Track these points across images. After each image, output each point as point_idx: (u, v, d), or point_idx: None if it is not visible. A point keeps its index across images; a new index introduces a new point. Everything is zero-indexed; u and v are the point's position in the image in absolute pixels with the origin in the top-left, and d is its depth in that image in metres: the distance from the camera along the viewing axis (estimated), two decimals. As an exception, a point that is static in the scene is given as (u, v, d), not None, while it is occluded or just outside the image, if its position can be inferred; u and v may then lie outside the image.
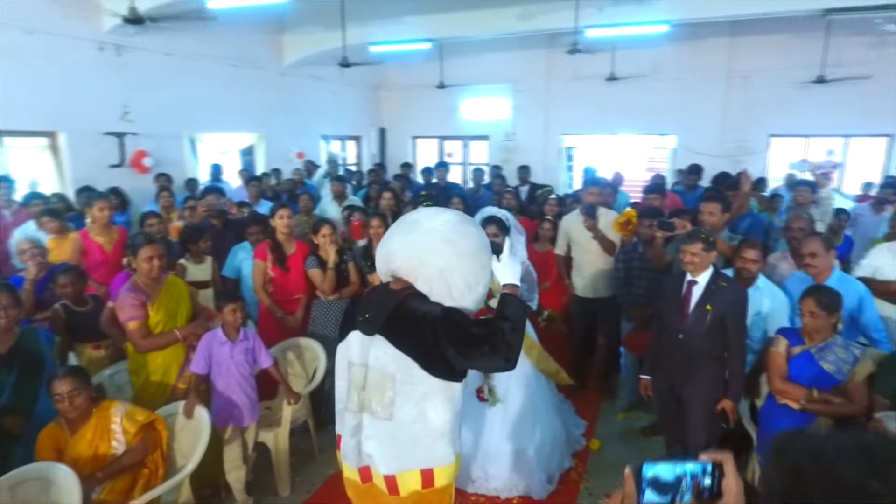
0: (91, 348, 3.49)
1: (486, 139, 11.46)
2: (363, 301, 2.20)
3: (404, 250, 2.02)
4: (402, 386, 1.96)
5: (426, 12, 8.45)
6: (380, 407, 2.00)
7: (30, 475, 2.38)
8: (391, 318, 1.98)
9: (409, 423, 1.98)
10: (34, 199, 4.89)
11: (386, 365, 1.97)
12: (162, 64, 7.69)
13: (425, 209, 2.20)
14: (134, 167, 7.44)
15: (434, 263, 1.97)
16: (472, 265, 2.02)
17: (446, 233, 2.00)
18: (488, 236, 3.35)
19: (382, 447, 2.01)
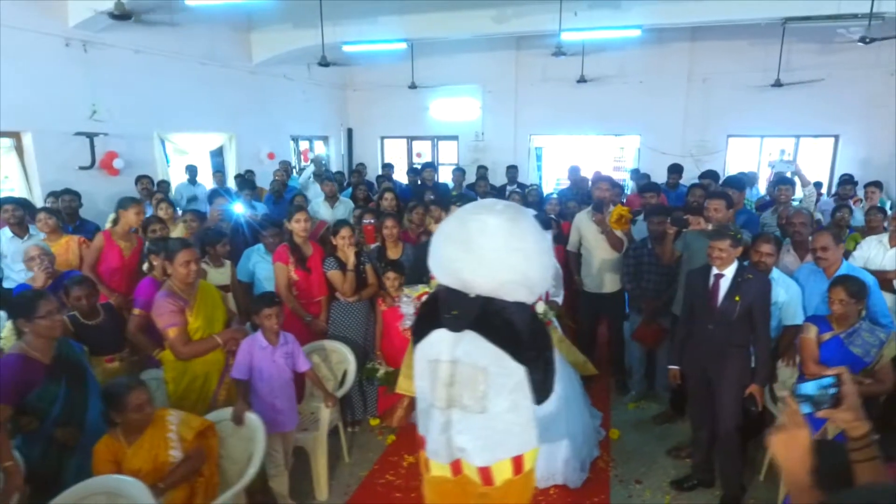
0: (105, 361, 3.34)
1: (456, 139, 11.56)
2: (443, 299, 2.16)
3: (479, 278, 1.97)
4: (496, 378, 2.00)
5: (401, 12, 8.46)
6: (472, 401, 2.03)
7: (95, 489, 2.29)
8: (481, 314, 2.00)
9: (503, 413, 2.03)
10: (11, 203, 4.61)
11: (477, 359, 2.00)
12: (130, 61, 7.37)
13: (467, 218, 2.03)
14: (104, 169, 7.10)
15: (511, 279, 1.96)
16: (541, 258, 2.03)
17: (508, 242, 1.95)
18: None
19: (476, 440, 2.06)
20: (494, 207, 2.06)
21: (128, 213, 3.97)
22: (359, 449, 3.92)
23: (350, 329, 4.03)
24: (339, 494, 3.45)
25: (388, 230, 4.27)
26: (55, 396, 2.57)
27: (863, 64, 8.75)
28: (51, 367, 2.58)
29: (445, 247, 2.06)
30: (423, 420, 2.23)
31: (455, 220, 2.09)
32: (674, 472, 3.63)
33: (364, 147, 12.21)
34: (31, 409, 2.53)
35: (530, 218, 2.10)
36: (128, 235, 4.03)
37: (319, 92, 11.15)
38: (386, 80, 11.23)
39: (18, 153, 6.47)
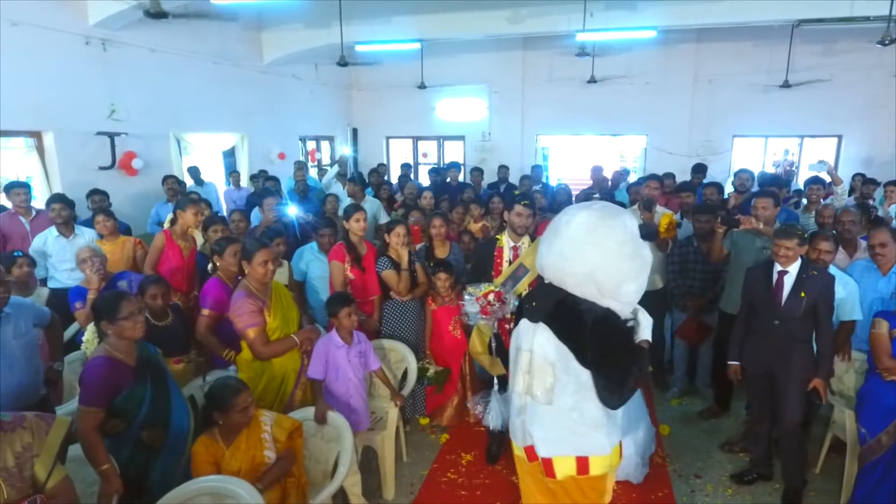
0: (172, 363, 3.31)
1: (462, 139, 11.59)
2: (532, 291, 2.27)
3: (549, 263, 2.07)
4: (561, 375, 2.05)
5: (415, 12, 8.48)
6: (540, 391, 2.10)
7: (201, 490, 2.29)
8: (555, 309, 2.06)
9: (567, 410, 2.07)
10: (57, 201, 4.55)
11: (548, 352, 2.07)
12: (146, 60, 7.29)
13: (568, 210, 2.13)
14: (123, 169, 7.01)
15: (577, 270, 1.98)
16: (618, 259, 1.99)
17: (587, 236, 1.99)
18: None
19: (542, 429, 2.12)
20: (595, 205, 2.15)
21: (186, 214, 3.94)
22: (414, 448, 3.93)
23: (403, 328, 4.04)
24: (404, 493, 3.46)
25: (437, 229, 4.29)
26: (142, 398, 2.55)
27: (865, 65, 8.97)
28: (137, 369, 2.56)
29: (544, 236, 2.18)
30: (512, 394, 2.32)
31: (561, 213, 2.19)
32: (730, 466, 3.70)
33: (369, 147, 12.18)
34: (119, 411, 2.50)
35: (627, 223, 2.07)
36: (186, 235, 4.00)
37: (325, 91, 11.11)
38: (392, 79, 11.24)
39: (39, 153, 6.37)
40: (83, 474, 2.48)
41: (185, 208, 3.94)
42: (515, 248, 3.59)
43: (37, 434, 1.61)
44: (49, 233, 4.58)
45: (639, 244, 2.08)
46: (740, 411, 4.21)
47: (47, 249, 4.52)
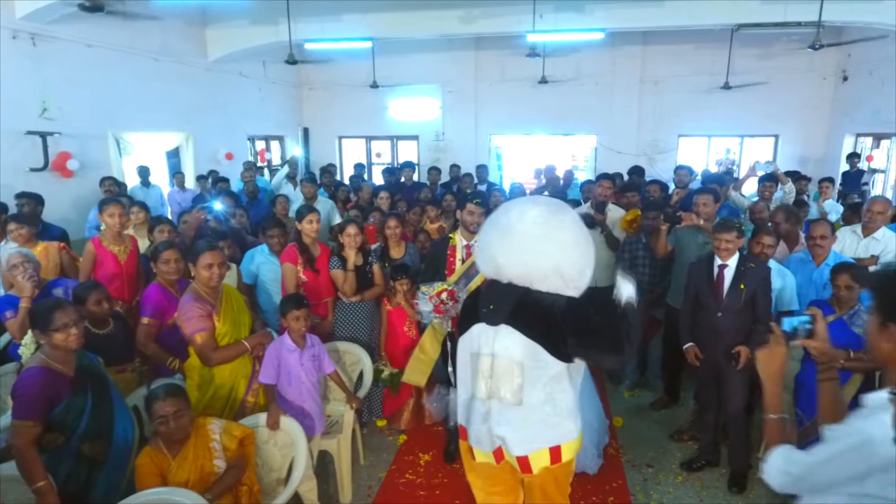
0: (115, 373, 3.15)
1: (416, 139, 11.56)
2: (484, 293, 2.21)
3: (511, 262, 2.05)
4: (531, 371, 2.05)
5: (365, 11, 8.39)
6: (509, 393, 2.08)
7: (149, 502, 2.18)
8: (516, 309, 2.05)
9: (538, 405, 2.08)
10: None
11: (513, 353, 2.05)
12: (81, 56, 6.95)
13: (511, 207, 2.14)
14: (57, 171, 6.66)
15: (544, 265, 2.00)
16: (578, 251, 2.06)
17: (544, 231, 2.02)
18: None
19: (514, 430, 2.11)
20: (538, 199, 2.19)
21: (104, 216, 3.75)
22: (372, 450, 3.88)
23: (354, 329, 3.98)
24: (362, 496, 3.41)
25: (392, 230, 4.25)
26: (81, 410, 2.42)
27: (799, 68, 9.45)
28: (75, 379, 2.43)
29: (487, 232, 2.17)
30: (463, 410, 2.28)
31: (500, 209, 2.18)
32: (679, 454, 3.81)
33: (321, 147, 11.99)
34: (57, 424, 2.37)
35: (573, 213, 2.16)
36: (119, 239, 3.79)
37: (275, 90, 10.87)
38: (344, 78, 11.11)
39: (-39, 153, 5.97)
40: (16, 493, 2.33)
41: (103, 211, 3.75)
42: (468, 247, 3.60)
43: None
44: (-22, 239, 4.30)
45: (587, 233, 2.16)
46: (689, 401, 4.35)
47: None
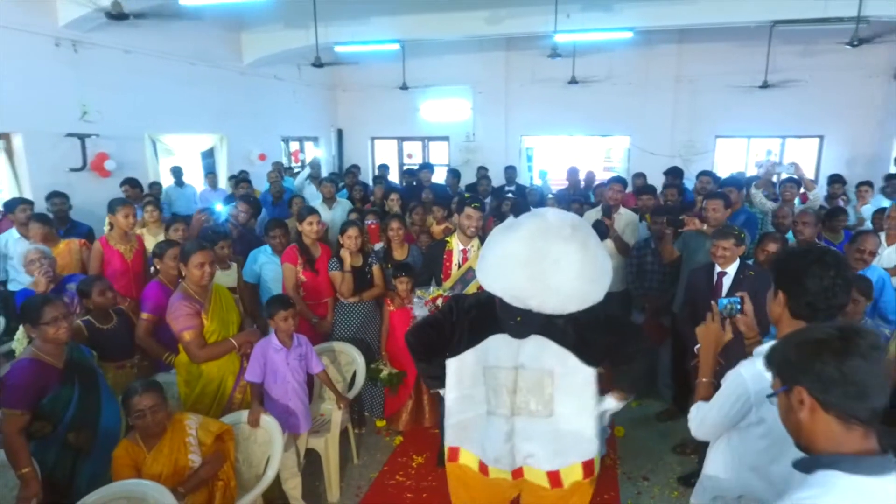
0: (115, 368, 3.29)
1: (447, 140, 11.58)
2: (503, 307, 2.07)
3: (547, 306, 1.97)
4: (562, 379, 2.02)
5: (393, 13, 8.47)
6: (540, 405, 2.04)
7: (117, 493, 2.27)
8: (548, 320, 2.00)
9: (571, 416, 2.04)
10: (21, 203, 4.55)
11: (544, 362, 2.02)
12: (120, 61, 7.28)
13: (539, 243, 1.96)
14: (95, 171, 7.00)
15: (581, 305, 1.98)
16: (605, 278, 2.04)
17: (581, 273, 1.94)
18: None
19: (545, 445, 2.06)
20: (563, 232, 1.97)
21: (116, 217, 3.92)
22: (367, 450, 3.92)
23: (352, 330, 4.03)
24: (350, 496, 3.45)
25: (394, 231, 4.28)
26: (68, 401, 2.54)
27: (842, 66, 8.94)
28: (64, 371, 2.55)
29: (515, 273, 1.97)
30: (461, 430, 2.20)
31: (525, 246, 1.98)
32: (679, 468, 3.69)
33: (354, 148, 12.18)
34: (45, 413, 2.50)
35: (594, 235, 2.09)
36: (126, 238, 3.96)
37: (310, 92, 11.11)
38: (376, 80, 11.24)
39: (8, 155, 6.36)
40: (5, 479, 2.47)
41: (116, 211, 3.91)
42: (465, 251, 3.59)
43: None
44: (10, 234, 4.57)
45: (605, 251, 2.11)
46: (697, 413, 4.20)
47: (8, 251, 4.51)
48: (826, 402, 1.16)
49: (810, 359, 1.17)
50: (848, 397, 1.14)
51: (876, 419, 1.17)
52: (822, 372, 1.15)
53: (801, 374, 1.19)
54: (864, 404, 1.14)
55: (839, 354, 1.14)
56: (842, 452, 1.15)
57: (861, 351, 1.14)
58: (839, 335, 1.16)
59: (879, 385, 1.16)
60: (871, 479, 1.11)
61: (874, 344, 1.16)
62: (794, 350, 1.22)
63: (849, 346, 1.14)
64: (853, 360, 1.13)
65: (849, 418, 1.15)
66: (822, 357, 1.16)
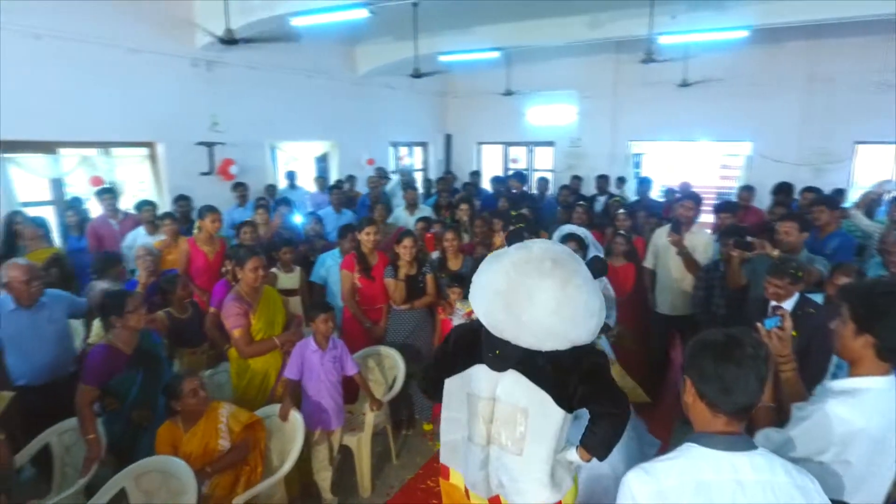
0: (189, 353, 3.80)
1: (552, 145, 11.43)
2: (486, 338, 2.07)
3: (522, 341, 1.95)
4: (535, 420, 1.97)
5: (494, 22, 8.56)
6: (510, 441, 2.02)
7: (152, 467, 2.67)
8: (526, 355, 1.97)
9: (540, 462, 1.99)
10: (145, 205, 5.36)
11: (518, 399, 1.98)
12: (246, 77, 8.13)
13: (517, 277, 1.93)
14: (221, 175, 7.91)
15: (554, 342, 1.93)
16: (587, 321, 1.93)
17: (558, 311, 1.87)
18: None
19: (513, 481, 2.06)
20: (543, 266, 1.92)
21: (205, 222, 4.45)
22: (408, 452, 4.09)
23: (403, 336, 4.21)
24: (381, 494, 3.65)
25: (448, 242, 4.40)
26: (133, 382, 3.00)
27: None
28: (131, 357, 3.02)
29: (492, 303, 1.98)
30: (450, 451, 2.25)
31: (503, 277, 1.97)
32: None
33: (462, 152, 12.46)
34: (114, 392, 2.98)
35: (581, 276, 1.96)
36: (211, 240, 4.51)
37: (420, 99, 11.55)
38: (483, 86, 11.39)
39: (152, 161, 7.42)
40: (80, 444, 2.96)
41: (205, 217, 4.44)
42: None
43: None
44: (138, 232, 5.37)
45: (597, 288, 2.01)
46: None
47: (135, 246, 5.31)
48: (701, 392, 1.44)
49: (699, 356, 1.44)
50: (717, 392, 1.41)
51: (741, 413, 1.43)
52: (702, 369, 1.43)
53: (690, 367, 1.47)
54: (729, 399, 1.40)
55: (718, 357, 1.41)
56: (707, 431, 1.45)
57: (736, 358, 1.39)
58: (724, 341, 1.42)
59: (745, 387, 1.39)
60: (721, 453, 1.41)
61: (751, 354, 1.39)
62: (692, 346, 1.48)
63: (728, 351, 1.40)
64: (727, 364, 1.39)
65: (715, 408, 1.43)
66: (705, 357, 1.43)
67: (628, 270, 4.72)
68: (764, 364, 1.41)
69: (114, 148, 6.95)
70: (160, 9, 6.91)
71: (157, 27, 6.95)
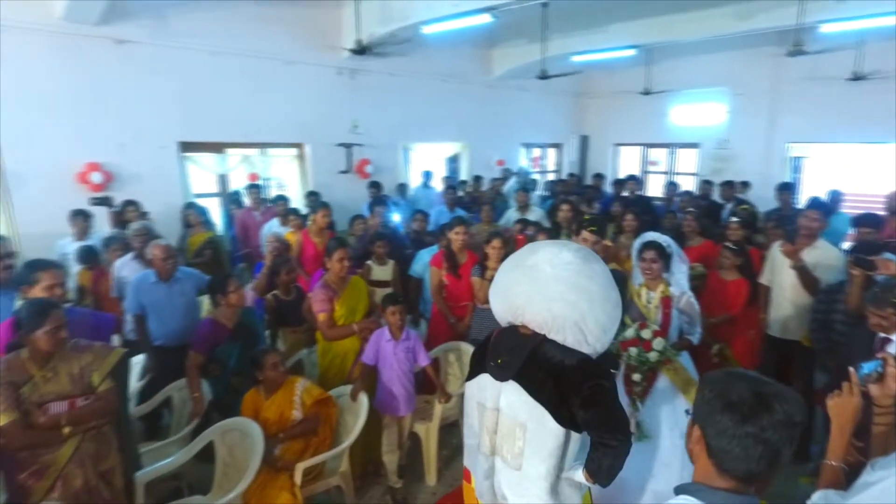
0: (290, 332, 4.26)
1: (697, 147, 10.62)
2: (493, 344, 2.12)
3: (531, 305, 1.93)
4: (533, 436, 1.93)
5: (631, 18, 8.20)
6: (510, 455, 2.01)
7: (235, 426, 3.08)
8: (526, 365, 1.94)
9: (539, 478, 1.95)
10: (279, 200, 6.09)
11: (518, 412, 1.95)
12: (386, 83, 8.74)
13: (539, 248, 2.05)
14: (357, 173, 8.60)
15: (567, 316, 1.88)
16: (605, 307, 1.92)
17: (573, 279, 1.89)
18: (643, 262, 3.29)
19: (515, 495, 2.05)
20: (570, 245, 2.03)
21: (317, 216, 4.93)
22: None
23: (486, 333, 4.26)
24: (446, 485, 3.77)
25: (494, 249, 4.35)
26: (232, 353, 3.47)
27: None
28: (232, 331, 3.49)
29: (507, 271, 2.07)
30: (468, 455, 2.29)
31: (526, 249, 2.11)
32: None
33: (598, 154, 12.09)
34: (216, 360, 3.47)
35: (605, 267, 2.02)
36: (322, 233, 4.98)
37: (554, 100, 11.44)
38: (622, 86, 10.98)
39: (300, 160, 8.32)
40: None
41: (317, 212, 4.90)
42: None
43: (98, 356, 2.52)
44: (273, 223, 6.10)
45: (617, 291, 2.01)
46: None
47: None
48: (712, 448, 1.25)
49: (717, 409, 1.24)
50: (729, 457, 1.22)
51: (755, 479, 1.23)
52: (718, 424, 1.23)
53: (704, 417, 1.27)
54: (741, 465, 1.22)
55: (740, 418, 1.20)
56: (708, 485, 1.27)
57: (762, 424, 1.18)
58: (752, 400, 1.20)
59: (766, 457, 1.20)
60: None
61: (781, 420, 1.18)
62: (710, 393, 1.27)
63: (754, 414, 1.19)
64: (748, 427, 1.19)
65: (724, 471, 1.25)
66: (725, 411, 1.22)
67: (740, 286, 4.30)
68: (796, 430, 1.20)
69: (269, 148, 7.92)
70: (312, 25, 7.73)
71: (310, 41, 7.77)
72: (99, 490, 2.49)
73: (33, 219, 5.70)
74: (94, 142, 6.11)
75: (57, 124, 5.85)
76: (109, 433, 2.56)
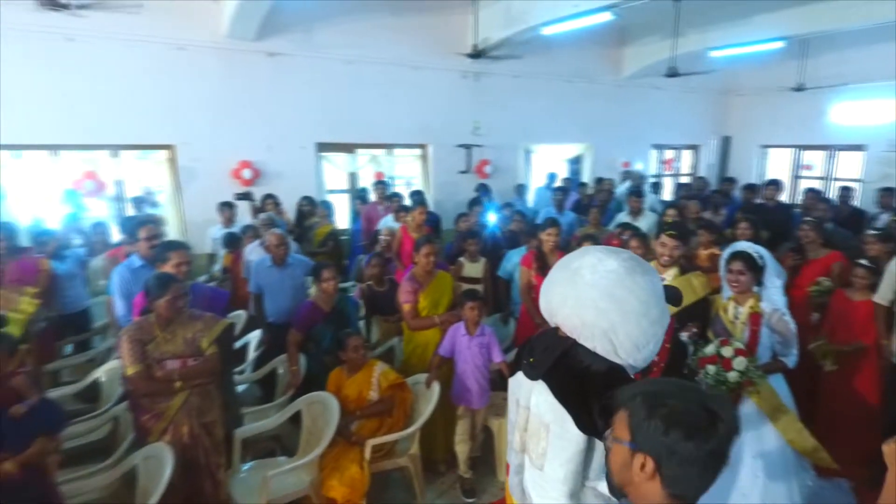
0: (382, 320, 4.59)
1: (862, 149, 9.35)
2: (531, 343, 2.11)
3: (564, 308, 1.89)
4: (555, 439, 1.91)
5: (778, 8, 7.49)
6: (535, 455, 2.01)
7: (318, 399, 3.45)
8: (555, 366, 1.94)
9: (557, 481, 1.94)
10: (393, 196, 6.55)
11: (543, 413, 1.95)
12: (509, 85, 8.86)
13: (589, 252, 1.97)
14: (476, 173, 8.84)
15: (596, 324, 1.82)
16: (640, 323, 1.82)
17: (610, 288, 1.82)
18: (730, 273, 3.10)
19: (537, 496, 2.05)
20: (622, 253, 1.97)
21: (415, 213, 5.21)
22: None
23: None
24: (516, 480, 3.84)
25: (633, 251, 4.25)
26: (326, 333, 3.87)
27: None
28: (328, 314, 3.89)
29: (556, 271, 2.06)
30: (510, 449, 2.28)
31: (579, 251, 2.09)
32: None
33: (741, 157, 11.12)
34: (312, 338, 3.89)
35: (653, 280, 1.90)
36: (419, 228, 5.26)
37: (692, 99, 10.74)
38: (772, 82, 9.97)
39: (423, 160, 8.76)
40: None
41: (415, 209, 5.17)
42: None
43: (207, 325, 2.99)
44: (388, 218, 6.55)
45: (664, 307, 1.93)
46: None
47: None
48: (668, 477, 1.14)
49: (680, 437, 1.11)
50: (689, 479, 1.14)
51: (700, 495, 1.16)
52: (673, 448, 1.12)
53: (659, 448, 1.14)
54: (703, 483, 1.15)
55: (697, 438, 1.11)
56: None
57: (719, 437, 1.11)
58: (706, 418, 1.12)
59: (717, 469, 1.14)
60: None
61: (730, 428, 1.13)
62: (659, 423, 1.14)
63: (712, 430, 1.11)
64: (710, 445, 1.11)
65: (676, 496, 1.16)
66: (680, 432, 1.11)
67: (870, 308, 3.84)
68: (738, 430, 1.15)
69: (395, 148, 8.45)
70: (439, 31, 8.10)
71: (436, 47, 8.14)
72: (201, 438, 2.97)
73: (197, 208, 6.72)
74: (248, 143, 7.01)
75: (220, 127, 6.81)
76: (213, 391, 3.04)
